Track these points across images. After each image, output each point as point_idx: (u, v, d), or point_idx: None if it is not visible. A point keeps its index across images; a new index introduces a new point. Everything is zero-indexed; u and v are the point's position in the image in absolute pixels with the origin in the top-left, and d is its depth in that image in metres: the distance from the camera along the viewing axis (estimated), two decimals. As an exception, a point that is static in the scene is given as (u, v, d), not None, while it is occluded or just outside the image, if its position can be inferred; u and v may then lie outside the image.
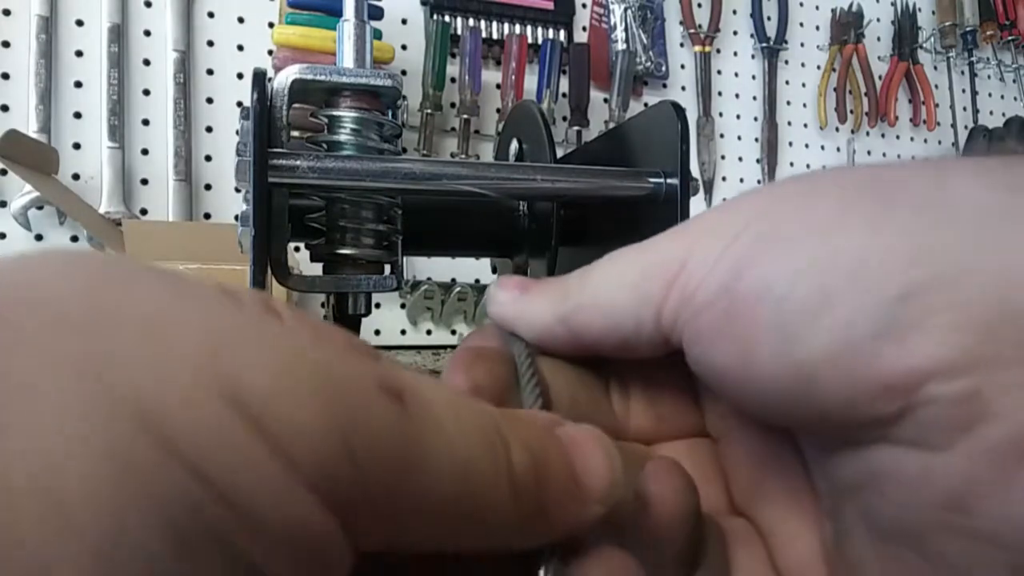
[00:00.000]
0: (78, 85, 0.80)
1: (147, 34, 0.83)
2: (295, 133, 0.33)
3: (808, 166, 1.21)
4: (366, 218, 0.35)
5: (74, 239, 0.79)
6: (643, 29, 1.07)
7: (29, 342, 0.09)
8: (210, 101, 0.86)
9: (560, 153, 0.43)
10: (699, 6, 1.14)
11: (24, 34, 0.77)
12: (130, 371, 0.09)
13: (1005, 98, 1.35)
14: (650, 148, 0.36)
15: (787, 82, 1.20)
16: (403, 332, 0.93)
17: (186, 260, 0.66)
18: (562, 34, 1.00)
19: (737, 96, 1.17)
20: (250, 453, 0.10)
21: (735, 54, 1.18)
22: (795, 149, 1.20)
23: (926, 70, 1.27)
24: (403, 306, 0.92)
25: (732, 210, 0.17)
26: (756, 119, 1.17)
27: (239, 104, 0.87)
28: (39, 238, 0.78)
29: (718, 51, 1.15)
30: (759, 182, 1.16)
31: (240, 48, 0.87)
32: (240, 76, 0.87)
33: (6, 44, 0.77)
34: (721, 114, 1.15)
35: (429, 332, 0.94)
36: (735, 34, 1.18)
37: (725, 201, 0.18)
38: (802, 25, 1.22)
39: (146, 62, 0.83)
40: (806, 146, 1.21)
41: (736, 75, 1.17)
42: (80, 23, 0.80)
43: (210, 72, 0.86)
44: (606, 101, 1.02)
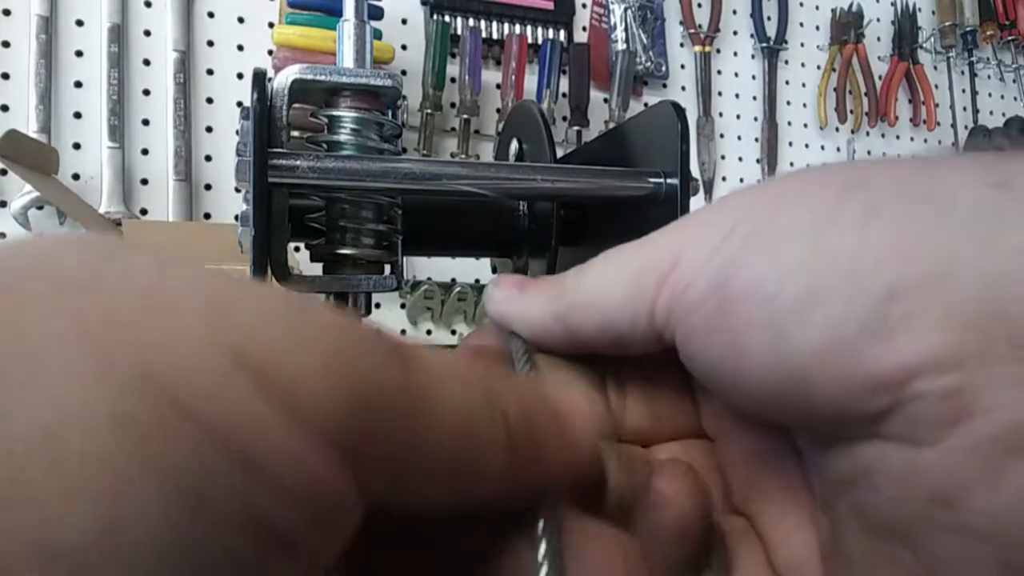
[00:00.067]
0: (78, 85, 0.80)
1: (147, 34, 0.83)
2: (295, 133, 0.33)
3: (808, 166, 1.20)
4: (366, 218, 0.35)
5: (74, 239, 0.79)
6: (643, 29, 1.07)
7: (36, 308, 0.10)
8: (210, 101, 0.86)
9: (560, 153, 0.43)
10: (699, 6, 1.14)
11: (24, 34, 0.77)
12: (137, 333, 0.10)
13: (1005, 98, 1.35)
14: (650, 148, 0.36)
15: (787, 82, 1.20)
16: (403, 332, 0.93)
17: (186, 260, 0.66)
18: (562, 34, 1.00)
19: (737, 96, 1.17)
20: (258, 408, 0.10)
21: (735, 54, 1.18)
22: (795, 149, 1.20)
23: (926, 70, 1.27)
24: (403, 306, 0.92)
25: (723, 208, 0.17)
26: (756, 119, 1.17)
27: (239, 104, 0.87)
28: (39, 238, 0.78)
29: (718, 51, 1.15)
30: (759, 182, 1.16)
31: (240, 48, 0.87)
32: (240, 76, 0.87)
33: (6, 44, 0.77)
34: (721, 114, 1.15)
35: (429, 332, 0.94)
36: (735, 34, 1.18)
37: (717, 199, 0.18)
38: (802, 25, 1.22)
39: (146, 62, 0.83)
40: (806, 146, 1.21)
41: (736, 75, 1.17)
42: (80, 23, 0.80)
43: (210, 72, 0.86)
44: (606, 101, 1.02)
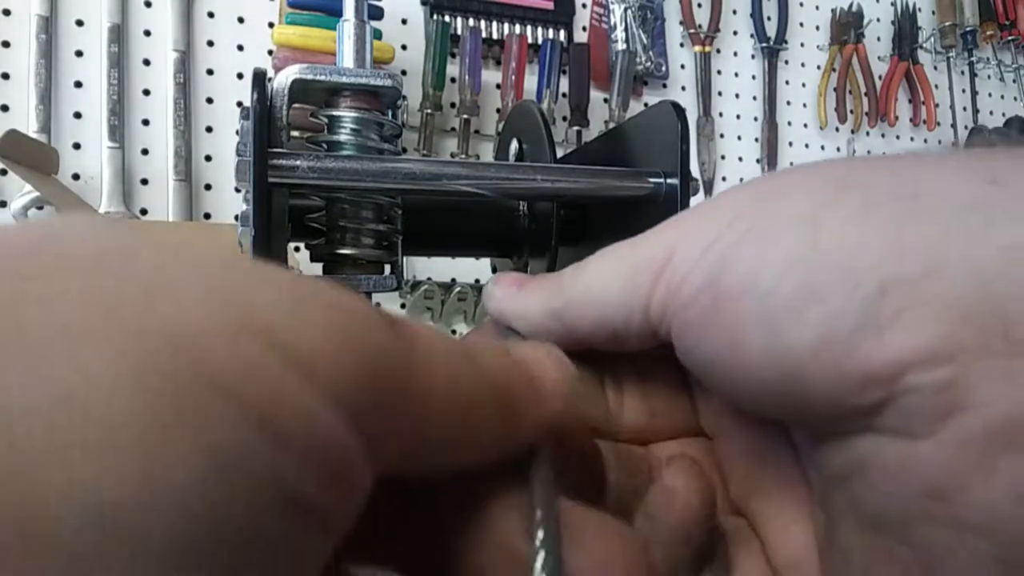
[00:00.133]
0: (78, 85, 0.80)
1: (147, 34, 0.83)
2: (295, 133, 0.33)
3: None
4: (366, 218, 0.35)
5: (74, 239, 0.79)
6: (643, 29, 1.07)
7: (63, 283, 0.10)
8: (210, 101, 0.86)
9: (560, 153, 0.43)
10: (699, 6, 1.14)
11: (24, 34, 0.77)
12: (167, 306, 0.10)
13: (1005, 98, 1.35)
14: (650, 148, 0.36)
15: (787, 82, 1.20)
16: (403, 332, 0.93)
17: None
18: (562, 34, 1.00)
19: (737, 96, 1.17)
20: (286, 380, 0.10)
21: (735, 54, 1.17)
22: (795, 149, 1.20)
23: (926, 70, 1.27)
24: (403, 306, 0.92)
25: (718, 205, 0.17)
26: (756, 119, 1.17)
27: (239, 104, 0.87)
28: (39, 238, 0.78)
29: (718, 51, 1.15)
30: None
31: (240, 48, 0.87)
32: (240, 76, 0.87)
33: (6, 44, 0.77)
34: (721, 114, 1.15)
35: (429, 332, 0.94)
36: (735, 34, 1.18)
37: (712, 196, 0.18)
38: (802, 25, 1.22)
39: (146, 62, 0.83)
40: (806, 146, 1.21)
41: (736, 75, 1.17)
42: (80, 23, 0.80)
43: (210, 72, 0.86)
44: (606, 101, 1.02)
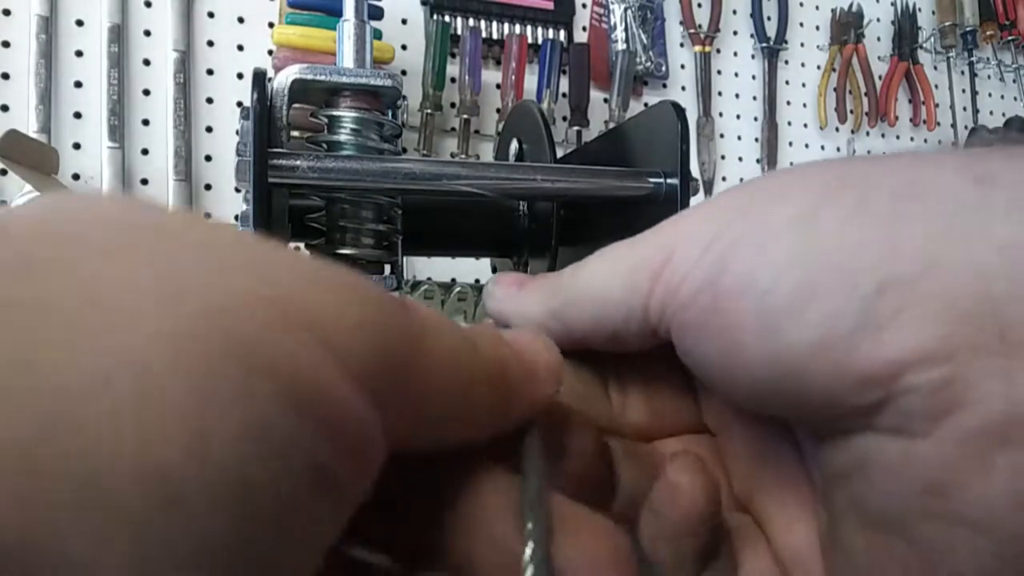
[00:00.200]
0: (78, 85, 0.80)
1: (147, 34, 0.83)
2: (295, 133, 0.33)
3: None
4: (366, 218, 0.35)
5: (74, 239, 0.79)
6: (643, 29, 1.07)
7: (137, 257, 0.10)
8: (210, 101, 0.86)
9: (560, 153, 0.43)
10: (699, 6, 1.14)
11: (24, 34, 0.77)
12: (221, 285, 0.11)
13: (1005, 98, 1.35)
14: (650, 148, 0.36)
15: (787, 82, 1.20)
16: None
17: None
18: (562, 34, 1.00)
19: (737, 96, 1.17)
20: (317, 357, 0.11)
21: (735, 54, 1.17)
22: (795, 149, 1.20)
23: (926, 70, 1.27)
24: (403, 306, 0.92)
25: (716, 205, 0.17)
26: (756, 119, 1.17)
27: (239, 104, 0.87)
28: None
29: (718, 51, 1.15)
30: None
31: (240, 48, 0.87)
32: (240, 76, 0.87)
33: (6, 44, 0.77)
34: (721, 114, 1.15)
35: (429, 332, 0.94)
36: (735, 34, 1.18)
37: (711, 196, 0.18)
38: (802, 25, 1.22)
39: (146, 62, 0.83)
40: (806, 146, 1.21)
41: (736, 75, 1.17)
42: (80, 23, 0.80)
43: (210, 72, 0.86)
44: (606, 101, 1.02)
